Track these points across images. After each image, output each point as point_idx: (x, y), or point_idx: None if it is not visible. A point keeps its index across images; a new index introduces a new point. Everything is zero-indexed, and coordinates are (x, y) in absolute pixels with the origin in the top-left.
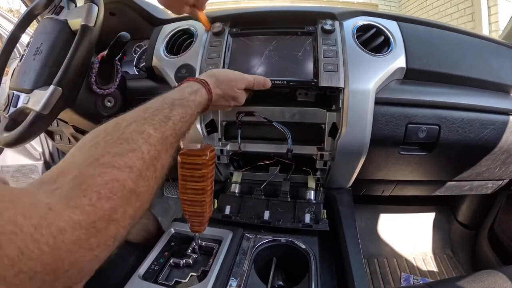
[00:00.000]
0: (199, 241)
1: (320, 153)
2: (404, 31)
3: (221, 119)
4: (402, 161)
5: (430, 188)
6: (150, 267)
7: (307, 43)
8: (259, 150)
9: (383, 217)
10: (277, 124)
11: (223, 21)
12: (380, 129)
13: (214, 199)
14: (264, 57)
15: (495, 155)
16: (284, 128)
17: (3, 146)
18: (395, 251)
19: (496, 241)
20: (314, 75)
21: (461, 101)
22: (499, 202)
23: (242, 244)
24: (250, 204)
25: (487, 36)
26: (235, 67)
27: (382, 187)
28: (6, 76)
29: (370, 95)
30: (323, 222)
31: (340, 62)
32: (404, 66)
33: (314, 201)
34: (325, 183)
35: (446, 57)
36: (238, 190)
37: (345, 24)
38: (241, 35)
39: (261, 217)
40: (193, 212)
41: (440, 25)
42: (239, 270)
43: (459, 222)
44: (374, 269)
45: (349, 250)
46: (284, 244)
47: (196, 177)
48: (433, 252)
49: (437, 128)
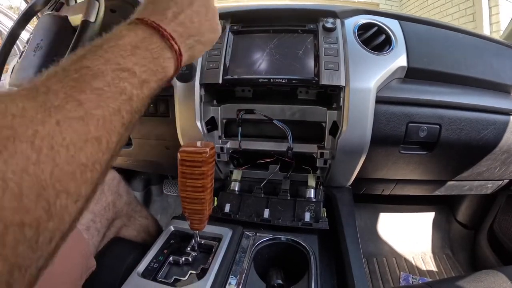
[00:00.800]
0: (198, 238)
1: (321, 152)
2: (405, 30)
3: (222, 117)
4: (403, 160)
5: (430, 188)
6: (149, 264)
7: (308, 41)
8: (259, 148)
9: (383, 216)
10: (277, 122)
11: (224, 18)
12: (381, 128)
13: (214, 197)
14: (265, 55)
15: (495, 155)
16: (284, 126)
17: None
18: (394, 251)
19: (495, 241)
20: (315, 73)
21: (462, 101)
22: (499, 202)
23: (242, 242)
24: (250, 202)
25: (488, 36)
26: (236, 65)
27: (382, 186)
28: (5, 73)
29: (371, 94)
30: (323, 221)
31: (341, 60)
32: (405, 65)
33: (314, 200)
34: (325, 181)
35: (447, 56)
36: (238, 188)
37: (346, 23)
38: (242, 33)
39: (261, 216)
40: (192, 209)
41: (442, 25)
42: (239, 268)
43: (458, 222)
44: (374, 268)
45: (349, 249)
46: (284, 242)
47: (196, 174)
48: (432, 252)
49: (438, 128)
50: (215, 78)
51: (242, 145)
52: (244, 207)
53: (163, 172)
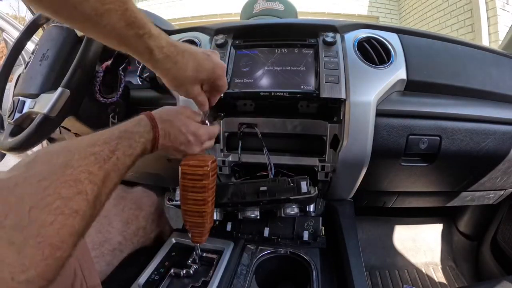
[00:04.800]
0: (199, 251)
1: (322, 165)
2: (404, 43)
3: (224, 130)
4: (404, 173)
5: (432, 199)
6: (150, 276)
7: (309, 55)
8: (259, 161)
9: (385, 229)
10: (265, 151)
11: (226, 33)
12: (381, 141)
13: (215, 209)
14: (266, 69)
15: (496, 165)
16: (270, 158)
17: (8, 152)
18: (397, 263)
19: (499, 252)
20: (316, 87)
21: (461, 112)
22: (502, 212)
23: (243, 255)
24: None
25: (486, 46)
26: (237, 79)
27: (384, 199)
28: (10, 83)
29: (371, 107)
30: (320, 239)
31: (341, 73)
32: (405, 78)
33: (314, 214)
34: (327, 194)
35: (446, 68)
36: None
37: (346, 37)
38: (244, 47)
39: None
40: (194, 222)
41: (440, 37)
42: (240, 281)
43: (461, 233)
44: (376, 282)
45: (351, 262)
46: (285, 255)
47: (197, 187)
48: (435, 264)
49: (438, 139)
50: None
51: (243, 158)
52: (245, 225)
53: (164, 184)
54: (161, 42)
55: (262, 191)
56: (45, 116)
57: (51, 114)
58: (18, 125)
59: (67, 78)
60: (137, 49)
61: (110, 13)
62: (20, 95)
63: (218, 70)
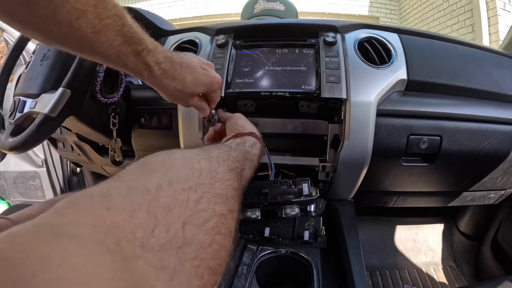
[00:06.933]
0: None
1: (322, 165)
2: (405, 43)
3: None
4: (404, 172)
5: (432, 199)
6: None
7: (309, 55)
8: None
9: (385, 229)
10: (266, 151)
11: (227, 33)
12: (382, 141)
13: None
14: (267, 69)
15: (497, 165)
16: (270, 158)
17: (9, 152)
18: (397, 263)
19: (499, 252)
20: (317, 87)
21: (462, 112)
22: (502, 212)
23: (244, 255)
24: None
25: (487, 46)
26: (238, 79)
27: (384, 199)
28: (11, 83)
29: (372, 107)
30: (321, 239)
31: (342, 73)
32: (405, 78)
33: (314, 214)
34: (328, 194)
35: (446, 68)
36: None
37: (346, 37)
38: (245, 48)
39: (262, 233)
40: None
41: (441, 37)
42: (241, 281)
43: (462, 233)
44: (377, 282)
45: (352, 262)
46: (286, 255)
47: None
48: (435, 264)
49: (439, 139)
50: None
51: None
52: (246, 225)
53: None
54: (158, 57)
55: (264, 193)
56: (46, 116)
57: (52, 114)
58: (19, 125)
59: (68, 78)
60: (135, 67)
61: (107, 30)
62: (21, 95)
63: (216, 85)
